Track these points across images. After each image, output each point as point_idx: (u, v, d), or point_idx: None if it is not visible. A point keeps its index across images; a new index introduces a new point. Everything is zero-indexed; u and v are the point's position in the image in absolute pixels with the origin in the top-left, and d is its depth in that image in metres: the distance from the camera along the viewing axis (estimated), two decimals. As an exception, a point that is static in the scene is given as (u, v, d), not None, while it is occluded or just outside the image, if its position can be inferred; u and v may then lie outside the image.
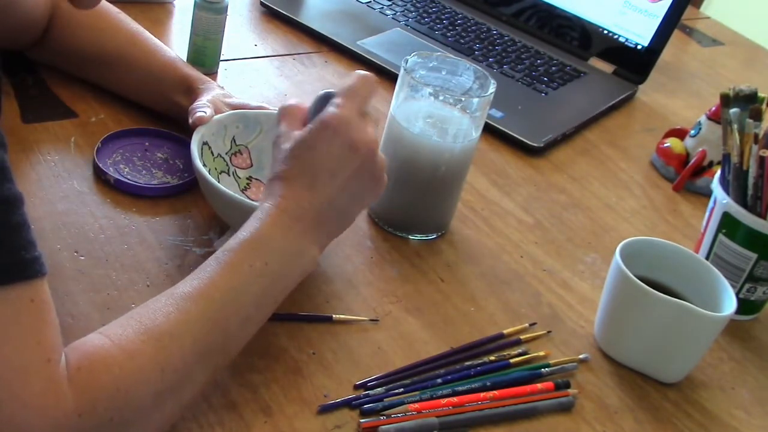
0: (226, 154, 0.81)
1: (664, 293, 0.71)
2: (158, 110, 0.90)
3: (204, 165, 0.77)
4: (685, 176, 1.05)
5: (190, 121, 0.79)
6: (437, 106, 0.81)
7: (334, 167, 0.65)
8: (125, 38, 0.90)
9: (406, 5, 1.31)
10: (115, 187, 0.80)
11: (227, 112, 0.81)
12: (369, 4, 1.29)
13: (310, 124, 0.66)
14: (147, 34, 0.91)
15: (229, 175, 0.81)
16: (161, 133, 0.88)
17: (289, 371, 0.67)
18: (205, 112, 0.79)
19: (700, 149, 1.06)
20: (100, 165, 0.80)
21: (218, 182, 0.79)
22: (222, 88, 0.88)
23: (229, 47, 1.06)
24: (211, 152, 0.79)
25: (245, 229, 0.62)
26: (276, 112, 0.80)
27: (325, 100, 0.68)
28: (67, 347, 0.52)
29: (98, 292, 0.69)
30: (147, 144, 0.86)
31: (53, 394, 0.49)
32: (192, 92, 0.86)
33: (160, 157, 0.85)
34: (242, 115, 0.82)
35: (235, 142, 0.82)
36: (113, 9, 0.92)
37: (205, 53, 1.00)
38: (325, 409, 0.64)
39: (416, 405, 0.65)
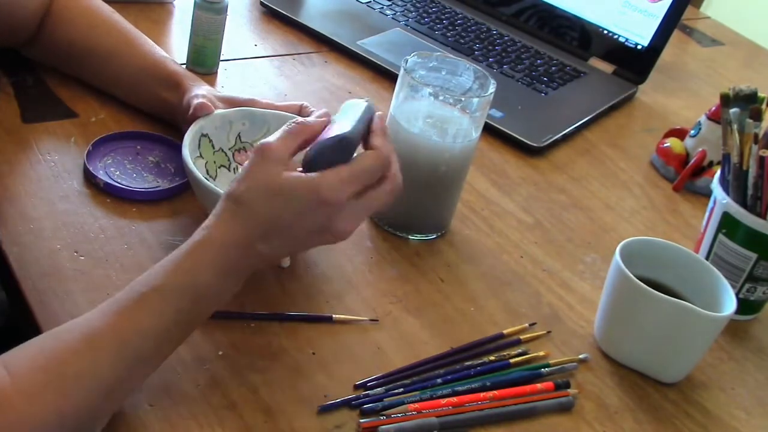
0: (230, 149, 0.82)
1: (664, 293, 0.71)
2: (146, 109, 0.90)
3: (201, 156, 0.78)
4: (685, 176, 1.05)
5: (191, 110, 0.79)
6: (437, 106, 0.81)
7: (289, 230, 0.61)
8: (118, 36, 0.90)
9: (406, 5, 1.31)
10: (104, 191, 0.79)
11: (234, 108, 0.82)
12: (369, 4, 1.29)
13: (306, 177, 0.61)
14: (139, 32, 0.92)
15: (229, 170, 0.81)
16: (153, 136, 0.87)
17: (289, 371, 0.67)
18: (207, 102, 0.80)
19: (700, 149, 1.06)
20: (90, 168, 0.80)
21: (216, 176, 0.80)
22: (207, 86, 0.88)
23: (229, 47, 1.06)
24: (212, 145, 0.80)
25: (173, 260, 0.59)
26: (282, 113, 0.80)
27: (365, 114, 0.65)
28: None
29: (98, 292, 0.69)
30: (138, 147, 0.86)
31: None
32: (180, 89, 0.86)
33: (151, 160, 0.85)
34: (249, 113, 0.82)
35: (240, 138, 0.82)
36: (107, 8, 0.92)
37: (205, 53, 1.00)
38: (325, 409, 0.64)
39: (416, 405, 0.65)
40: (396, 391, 0.67)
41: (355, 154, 0.64)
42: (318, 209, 0.61)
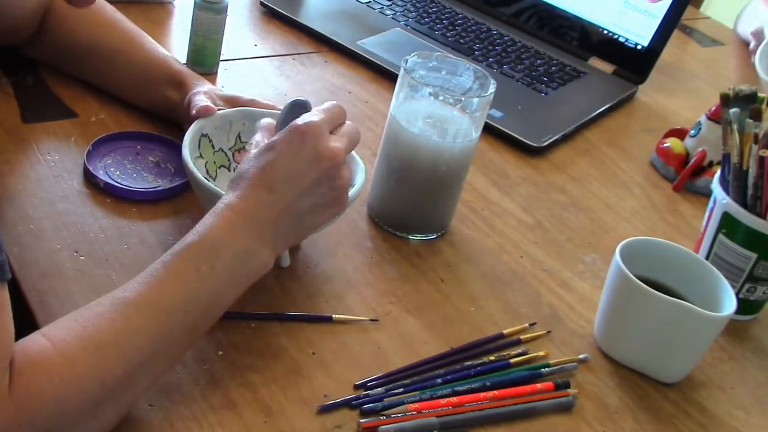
0: (230, 149, 0.82)
1: (664, 293, 0.71)
2: (149, 107, 0.90)
3: (201, 156, 0.78)
4: (685, 176, 1.05)
5: (194, 111, 0.79)
6: (437, 106, 0.81)
7: (296, 171, 0.64)
8: (120, 35, 0.90)
9: (406, 5, 1.31)
10: (104, 191, 0.79)
11: (234, 109, 0.82)
12: (369, 4, 1.29)
13: (281, 131, 0.67)
14: (141, 31, 0.92)
15: (229, 170, 0.81)
16: (153, 136, 0.87)
17: (289, 371, 0.67)
18: (210, 104, 0.80)
19: (700, 149, 1.06)
20: (90, 168, 0.80)
21: (216, 176, 0.80)
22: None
23: (229, 47, 1.06)
24: (212, 145, 0.80)
25: (194, 230, 0.62)
26: (279, 110, 0.81)
27: (294, 108, 0.69)
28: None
29: (98, 292, 0.68)
30: (138, 147, 0.86)
31: None
32: (183, 87, 0.86)
33: (151, 160, 0.85)
34: (249, 113, 0.82)
35: (240, 138, 0.82)
36: (109, 7, 0.92)
37: (205, 53, 1.00)
38: (325, 409, 0.64)
39: (416, 405, 0.65)
40: (396, 391, 0.67)
41: None
42: (303, 140, 0.65)
